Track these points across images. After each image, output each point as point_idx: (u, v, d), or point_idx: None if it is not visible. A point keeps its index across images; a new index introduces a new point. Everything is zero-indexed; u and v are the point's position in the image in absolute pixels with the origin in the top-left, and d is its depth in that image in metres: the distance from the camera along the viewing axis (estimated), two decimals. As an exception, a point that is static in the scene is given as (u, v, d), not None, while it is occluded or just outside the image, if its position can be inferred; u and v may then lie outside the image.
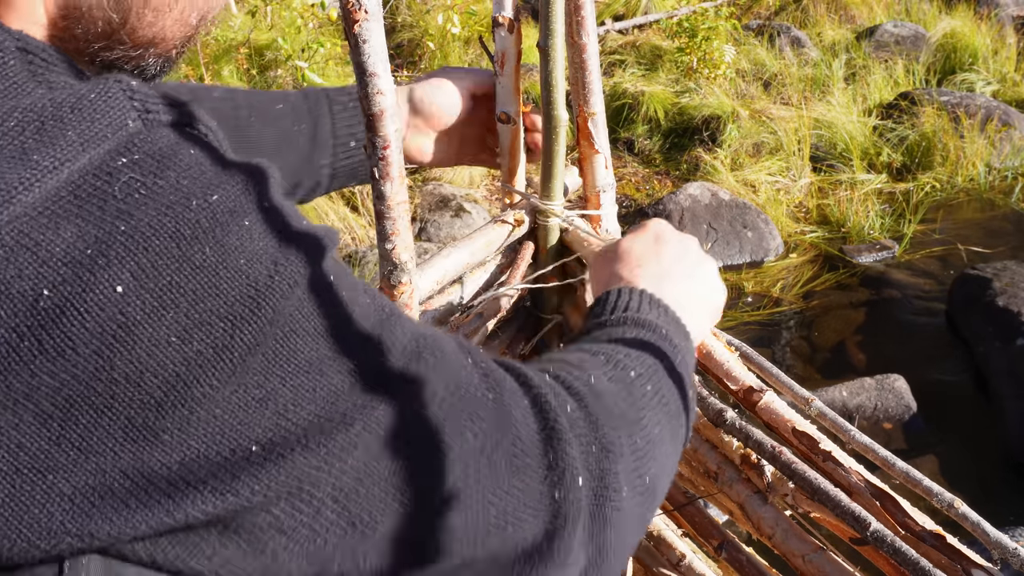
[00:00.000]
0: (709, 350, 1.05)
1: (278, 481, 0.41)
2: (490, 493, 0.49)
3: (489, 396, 0.50)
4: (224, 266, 0.41)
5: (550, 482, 0.51)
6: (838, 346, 3.18)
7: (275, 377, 0.41)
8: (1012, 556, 0.80)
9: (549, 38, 0.89)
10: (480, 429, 0.49)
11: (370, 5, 0.82)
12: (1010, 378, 2.79)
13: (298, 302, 0.43)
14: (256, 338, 0.41)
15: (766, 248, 3.76)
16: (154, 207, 0.40)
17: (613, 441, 0.56)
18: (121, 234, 0.39)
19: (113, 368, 0.38)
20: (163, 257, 0.40)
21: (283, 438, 0.41)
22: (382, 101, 0.87)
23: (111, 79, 0.46)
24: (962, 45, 5.59)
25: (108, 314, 0.38)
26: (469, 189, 4.03)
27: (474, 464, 0.48)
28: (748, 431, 1.00)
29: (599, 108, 1.10)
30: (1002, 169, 4.42)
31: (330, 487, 0.43)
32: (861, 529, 0.88)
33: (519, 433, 0.51)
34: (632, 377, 0.63)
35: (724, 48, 4.97)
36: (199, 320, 0.40)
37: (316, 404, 0.42)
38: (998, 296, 3.07)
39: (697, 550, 1.31)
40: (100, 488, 0.38)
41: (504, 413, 0.51)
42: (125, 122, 0.44)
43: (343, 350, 0.44)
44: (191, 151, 0.44)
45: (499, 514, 0.49)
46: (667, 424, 0.63)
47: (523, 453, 0.51)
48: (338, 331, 0.44)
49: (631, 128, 4.76)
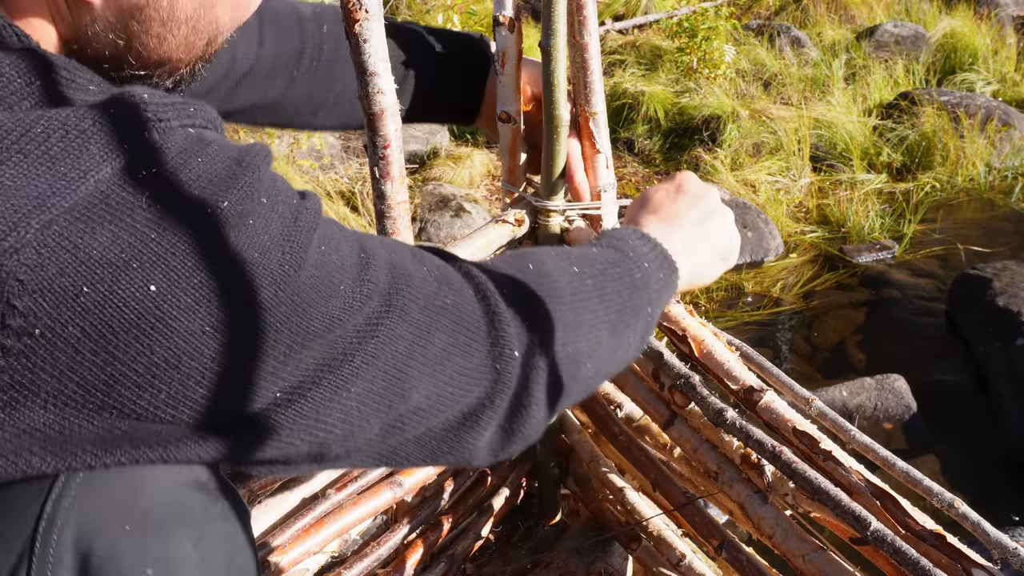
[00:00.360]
0: (710, 350, 1.05)
1: (301, 416, 0.53)
2: (449, 376, 0.61)
3: (447, 301, 0.61)
4: (241, 263, 0.50)
5: (492, 356, 0.63)
6: (838, 346, 3.18)
7: (293, 341, 0.51)
8: (1012, 556, 0.80)
9: (551, 38, 0.89)
10: (444, 330, 0.60)
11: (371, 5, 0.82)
12: (1010, 378, 2.79)
13: (307, 277, 0.52)
14: (277, 319, 0.51)
15: (766, 248, 3.76)
16: (177, 217, 0.48)
17: (543, 315, 0.68)
18: (152, 241, 0.47)
19: (153, 353, 0.47)
20: (189, 260, 0.48)
21: (300, 382, 0.52)
22: (382, 101, 0.87)
23: (126, 91, 0.52)
24: (962, 45, 5.59)
25: (145, 308, 0.46)
26: (469, 189, 4.03)
27: (440, 357, 0.60)
28: (748, 431, 1.00)
29: (601, 108, 1.10)
30: (1002, 169, 4.42)
31: (339, 411, 0.55)
32: (861, 529, 0.88)
33: (470, 323, 0.63)
34: (575, 271, 0.73)
35: (724, 48, 4.97)
36: (228, 312, 0.49)
37: (323, 351, 0.53)
38: (998, 296, 3.07)
39: (697, 550, 1.31)
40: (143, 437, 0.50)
41: (458, 309, 0.62)
42: (141, 133, 0.50)
43: (340, 305, 0.54)
44: (199, 159, 0.51)
45: (455, 390, 0.61)
46: (604, 316, 0.73)
47: (473, 338, 0.62)
48: (334, 290, 0.54)
49: (631, 128, 4.76)
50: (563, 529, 1.46)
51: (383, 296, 0.57)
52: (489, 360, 0.63)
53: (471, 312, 0.63)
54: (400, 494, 1.10)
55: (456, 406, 0.62)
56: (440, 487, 1.23)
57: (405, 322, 0.58)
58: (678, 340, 1.07)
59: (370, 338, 0.56)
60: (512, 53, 1.03)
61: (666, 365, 1.09)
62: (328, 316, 0.53)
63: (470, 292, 0.64)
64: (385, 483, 1.09)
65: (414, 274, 0.61)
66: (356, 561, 1.11)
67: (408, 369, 0.58)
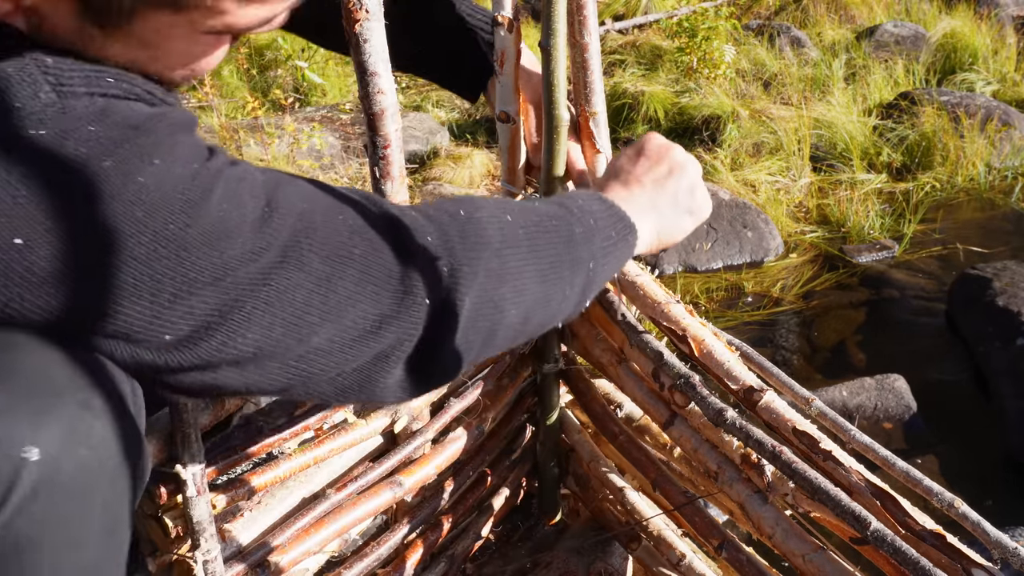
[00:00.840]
0: (710, 350, 1.05)
1: (198, 356, 0.59)
2: (352, 320, 0.64)
3: (356, 251, 0.65)
4: (119, 217, 0.54)
5: (401, 303, 0.66)
6: (838, 346, 3.18)
7: (178, 290, 0.56)
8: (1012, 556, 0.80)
9: (551, 37, 0.89)
10: (349, 279, 0.64)
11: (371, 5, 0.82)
12: (1010, 378, 2.79)
13: (197, 232, 0.56)
14: (159, 269, 0.55)
15: (766, 248, 3.76)
16: (55, 175, 0.53)
17: (464, 262, 0.70)
18: (22, 196, 0.51)
19: (24, 300, 0.53)
20: (59, 214, 0.52)
21: (194, 326, 0.57)
22: (382, 100, 0.87)
23: (28, 56, 0.56)
24: (962, 45, 5.58)
25: (12, 259, 0.52)
26: (469, 189, 4.03)
27: (343, 304, 0.63)
28: (748, 431, 1.00)
29: (601, 107, 1.10)
30: (1002, 169, 4.41)
31: (235, 351, 0.60)
32: (861, 528, 0.88)
33: (378, 271, 0.66)
34: (508, 220, 0.76)
35: (724, 48, 4.97)
36: (100, 262, 0.54)
37: (214, 299, 0.58)
38: (998, 296, 3.07)
39: (697, 550, 1.31)
40: None
41: (366, 258, 0.65)
42: (37, 94, 0.54)
43: (234, 256, 0.58)
44: (92, 126, 0.55)
45: (360, 334, 0.65)
46: (533, 266, 0.76)
47: (382, 286, 0.66)
48: (228, 243, 0.58)
49: (631, 128, 4.76)
50: (563, 529, 1.46)
51: (280, 248, 0.61)
52: (397, 307, 0.66)
53: (381, 261, 0.66)
54: (400, 494, 1.10)
55: (363, 348, 0.66)
56: (440, 487, 1.23)
57: (303, 272, 0.62)
58: (678, 340, 1.07)
59: (262, 286, 0.59)
60: (511, 53, 1.03)
61: (666, 365, 1.09)
62: (219, 267, 0.57)
63: (386, 240, 0.67)
64: (385, 483, 1.09)
65: (322, 225, 0.64)
66: (356, 561, 1.11)
67: (307, 315, 0.62)
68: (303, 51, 5.11)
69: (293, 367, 0.64)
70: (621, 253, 0.86)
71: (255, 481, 0.94)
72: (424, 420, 1.15)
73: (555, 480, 1.44)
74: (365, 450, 1.11)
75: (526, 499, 1.49)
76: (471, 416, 1.22)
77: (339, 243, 0.64)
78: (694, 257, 3.68)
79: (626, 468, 1.32)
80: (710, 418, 1.04)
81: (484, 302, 0.72)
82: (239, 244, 0.59)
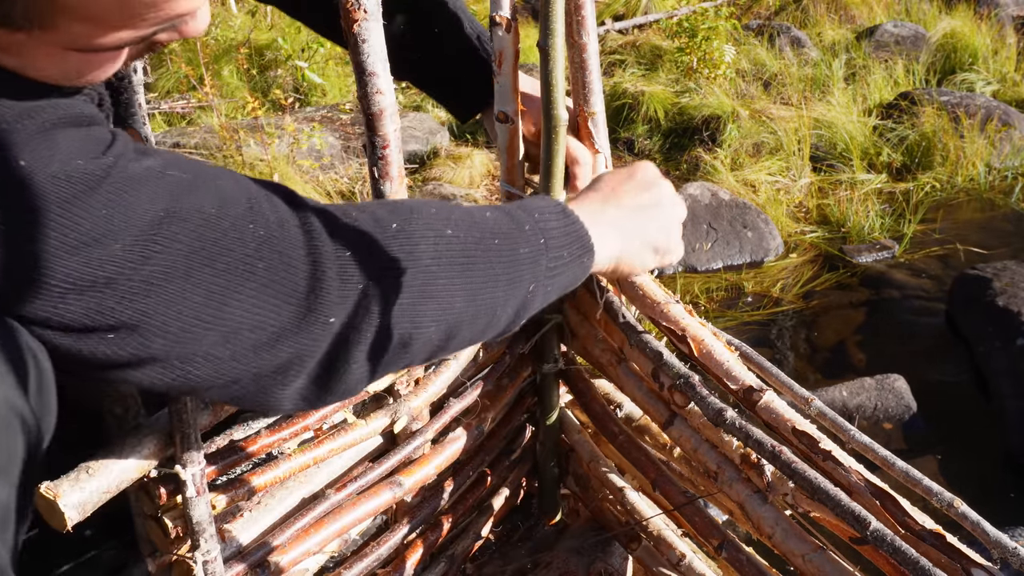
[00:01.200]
0: (709, 350, 1.05)
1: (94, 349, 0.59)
2: (249, 332, 0.63)
3: (259, 265, 0.64)
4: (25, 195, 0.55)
5: (304, 319, 0.65)
6: (838, 346, 3.18)
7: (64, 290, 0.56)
8: (1012, 556, 0.80)
9: (549, 37, 0.89)
10: (247, 293, 0.63)
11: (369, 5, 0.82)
12: (1010, 378, 2.79)
13: (82, 228, 0.56)
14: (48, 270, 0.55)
15: (766, 248, 3.76)
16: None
17: (383, 277, 0.69)
18: None
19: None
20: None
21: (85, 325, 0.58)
22: (381, 100, 0.87)
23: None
24: (962, 45, 5.59)
25: None
26: (469, 189, 4.03)
27: (238, 317, 0.62)
28: (748, 431, 1.00)
29: (599, 108, 1.10)
30: (1002, 169, 4.41)
31: (119, 352, 0.60)
32: (861, 528, 0.88)
33: (281, 286, 0.64)
34: (447, 235, 0.74)
35: (724, 48, 4.97)
36: None
37: (95, 303, 0.57)
38: (998, 296, 3.07)
39: (697, 550, 1.31)
40: None
41: (270, 272, 0.64)
42: None
43: (112, 266, 0.57)
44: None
45: (255, 347, 0.64)
46: (463, 285, 0.73)
47: (284, 301, 0.64)
48: (105, 253, 0.57)
49: (631, 128, 4.76)
50: (563, 529, 1.46)
51: (169, 258, 0.59)
52: (297, 324, 0.65)
53: (286, 277, 0.65)
54: (400, 494, 1.10)
55: (257, 361, 0.65)
56: (440, 487, 1.23)
57: (191, 283, 0.60)
58: (678, 340, 1.07)
59: (143, 297, 0.59)
60: (509, 53, 1.03)
61: (666, 365, 1.09)
62: (91, 272, 0.56)
63: (297, 254, 0.66)
64: (385, 483, 1.08)
65: (228, 234, 0.63)
66: (356, 561, 1.11)
67: (194, 328, 0.61)
68: (303, 51, 5.11)
69: (178, 371, 0.63)
70: (571, 274, 0.84)
71: (255, 481, 0.94)
72: (424, 420, 1.15)
73: (555, 480, 1.44)
74: (365, 450, 1.11)
75: (526, 499, 1.49)
76: (471, 416, 1.22)
77: (242, 256, 0.63)
78: (694, 257, 3.68)
79: (626, 468, 1.32)
80: (710, 418, 1.04)
81: (400, 319, 0.70)
82: (116, 251, 0.57)
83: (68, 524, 0.72)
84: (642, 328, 1.14)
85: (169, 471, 0.82)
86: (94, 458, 0.76)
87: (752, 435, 0.99)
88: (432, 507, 1.21)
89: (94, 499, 0.74)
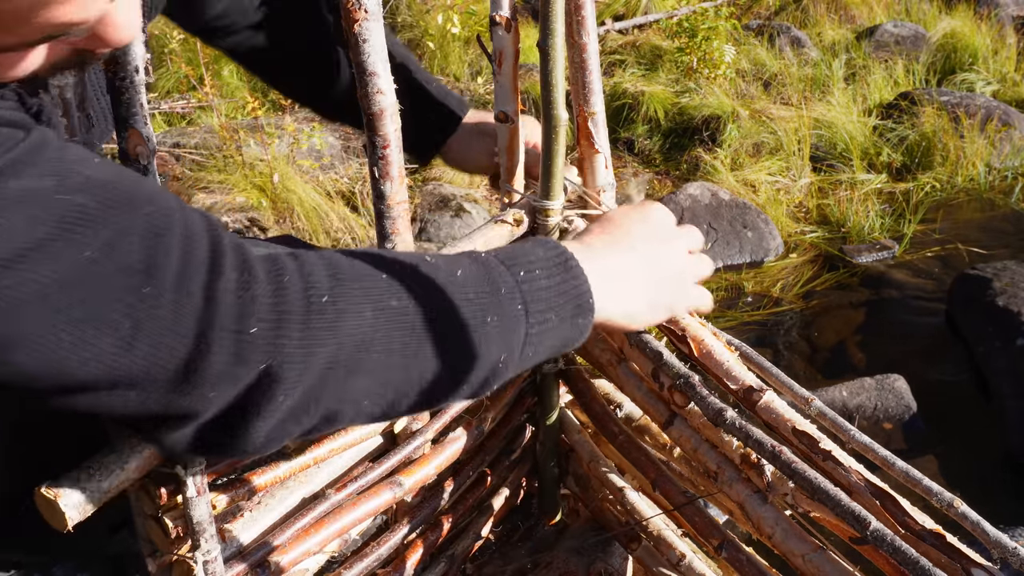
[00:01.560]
0: (709, 350, 1.05)
1: None
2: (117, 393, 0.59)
3: (126, 325, 0.57)
4: None
5: (180, 392, 0.61)
6: (838, 346, 3.18)
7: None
8: (1012, 555, 0.80)
9: (549, 37, 0.89)
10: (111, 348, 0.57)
11: (370, 4, 0.82)
12: (1010, 378, 2.78)
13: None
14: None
15: (766, 248, 3.76)
16: None
17: (296, 361, 0.63)
18: None
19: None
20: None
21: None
22: (382, 100, 0.87)
23: None
24: (962, 45, 5.58)
25: None
26: (469, 189, 4.03)
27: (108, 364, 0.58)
28: (748, 431, 1.00)
29: (599, 108, 1.10)
30: (1002, 169, 4.41)
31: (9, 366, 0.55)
32: (861, 528, 0.88)
33: (157, 354, 0.59)
34: (391, 306, 0.67)
35: (724, 48, 4.96)
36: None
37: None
38: (998, 296, 3.07)
39: (697, 550, 1.31)
40: None
41: (147, 338, 0.58)
42: None
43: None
44: None
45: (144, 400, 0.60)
46: (412, 362, 0.68)
47: (160, 374, 0.59)
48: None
49: (631, 128, 4.76)
50: (563, 529, 1.46)
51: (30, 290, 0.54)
52: (171, 389, 0.60)
53: (161, 343, 0.59)
54: (400, 494, 1.10)
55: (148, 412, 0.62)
56: (440, 487, 1.23)
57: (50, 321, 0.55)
58: (677, 340, 1.07)
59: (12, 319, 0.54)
60: (509, 53, 1.03)
61: (665, 365, 1.09)
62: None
63: (184, 326, 0.59)
64: (385, 483, 1.09)
65: (99, 283, 0.57)
66: (356, 561, 1.11)
67: (67, 363, 0.56)
68: (303, 51, 5.10)
69: (60, 403, 0.60)
70: (561, 336, 0.76)
71: (255, 481, 0.95)
72: (424, 420, 1.15)
73: (555, 480, 1.44)
74: (365, 450, 1.11)
75: (526, 499, 1.49)
76: (471, 416, 1.22)
77: (113, 310, 0.57)
78: (694, 257, 3.68)
79: (626, 468, 1.32)
80: (710, 418, 1.04)
81: (322, 396, 0.65)
82: None
83: (68, 524, 0.72)
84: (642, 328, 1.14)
85: (169, 471, 0.82)
86: (94, 458, 0.76)
87: (752, 435, 0.99)
88: (432, 507, 1.21)
89: (94, 499, 0.74)
